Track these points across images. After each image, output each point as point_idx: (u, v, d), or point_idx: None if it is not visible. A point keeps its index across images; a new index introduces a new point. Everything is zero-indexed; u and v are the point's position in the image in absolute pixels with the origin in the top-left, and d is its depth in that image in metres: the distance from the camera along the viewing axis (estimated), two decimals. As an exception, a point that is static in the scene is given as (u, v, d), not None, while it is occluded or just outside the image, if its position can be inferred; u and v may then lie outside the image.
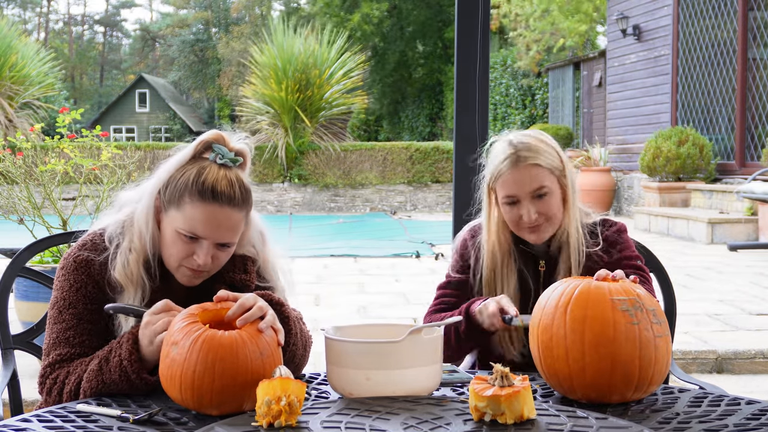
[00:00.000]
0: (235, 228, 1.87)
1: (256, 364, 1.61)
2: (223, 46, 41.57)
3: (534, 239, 2.25)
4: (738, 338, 5.32)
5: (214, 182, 1.83)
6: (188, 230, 1.84)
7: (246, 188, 1.88)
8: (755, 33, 12.44)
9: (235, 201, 1.84)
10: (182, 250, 1.86)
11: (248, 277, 1.98)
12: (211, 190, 1.82)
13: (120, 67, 57.90)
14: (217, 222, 1.83)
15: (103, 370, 1.77)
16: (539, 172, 2.20)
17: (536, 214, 2.20)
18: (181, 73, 47.54)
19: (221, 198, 1.83)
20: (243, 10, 45.68)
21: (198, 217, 1.83)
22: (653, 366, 1.66)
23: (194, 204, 1.83)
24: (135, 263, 1.87)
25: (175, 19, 52.24)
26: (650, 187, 13.08)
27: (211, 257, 1.86)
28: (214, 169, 1.85)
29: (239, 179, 1.87)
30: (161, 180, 1.88)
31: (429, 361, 1.71)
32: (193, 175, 1.84)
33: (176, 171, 1.87)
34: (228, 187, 1.84)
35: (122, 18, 68.98)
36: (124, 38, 61.29)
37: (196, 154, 1.89)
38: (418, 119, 32.34)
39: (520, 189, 2.20)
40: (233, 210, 1.84)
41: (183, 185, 1.84)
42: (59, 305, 1.89)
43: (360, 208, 17.83)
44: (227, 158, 1.87)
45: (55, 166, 5.23)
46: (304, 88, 17.75)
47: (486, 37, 3.46)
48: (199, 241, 1.85)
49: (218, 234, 1.84)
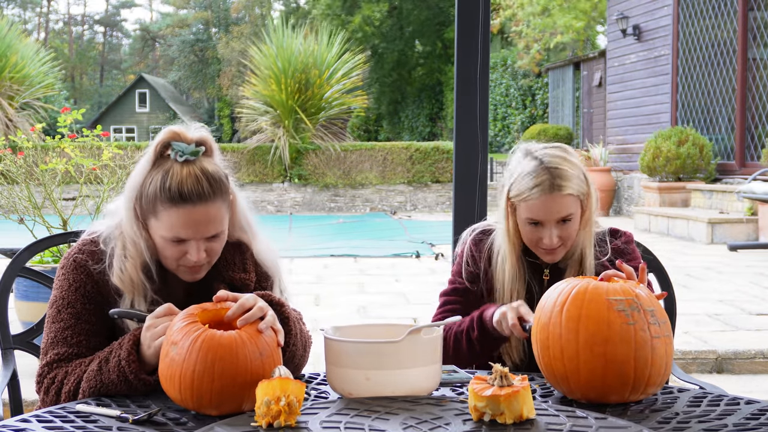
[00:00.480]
0: (217, 219, 1.85)
1: (255, 364, 1.61)
2: (223, 46, 41.57)
3: (549, 260, 2.24)
4: (738, 338, 5.32)
5: (179, 184, 1.81)
6: (172, 236, 1.84)
7: (214, 177, 1.85)
8: (755, 33, 12.44)
9: (206, 195, 1.82)
10: (174, 252, 1.86)
11: (248, 276, 1.98)
12: (179, 193, 1.80)
13: (120, 67, 57.90)
14: (195, 221, 1.82)
15: (102, 370, 1.77)
16: (570, 201, 2.17)
17: (557, 238, 2.18)
18: (181, 73, 47.53)
19: (191, 197, 1.81)
20: (243, 10, 45.68)
21: (176, 223, 1.82)
22: (649, 367, 1.66)
23: (168, 211, 1.82)
24: (133, 269, 1.87)
25: (175, 19, 52.24)
26: (650, 187, 13.08)
27: (204, 251, 1.86)
28: (176, 169, 1.83)
29: (205, 171, 1.84)
30: (133, 191, 1.87)
31: (428, 361, 1.71)
32: (159, 183, 1.82)
33: (144, 180, 1.85)
34: (195, 184, 1.81)
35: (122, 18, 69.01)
36: (124, 38, 61.30)
37: (155, 157, 1.86)
38: (418, 119, 32.34)
39: (547, 216, 2.16)
40: (207, 204, 1.83)
41: (153, 195, 1.83)
42: (58, 304, 1.89)
43: (360, 208, 17.83)
44: (187, 153, 1.84)
45: (56, 166, 5.23)
46: (304, 89, 17.76)
47: (486, 37, 3.46)
48: (187, 242, 1.85)
49: (202, 231, 1.84)
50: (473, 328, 2.20)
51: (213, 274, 1.96)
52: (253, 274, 2.00)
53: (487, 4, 3.44)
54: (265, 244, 2.04)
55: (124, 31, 61.76)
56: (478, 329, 2.19)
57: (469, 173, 3.44)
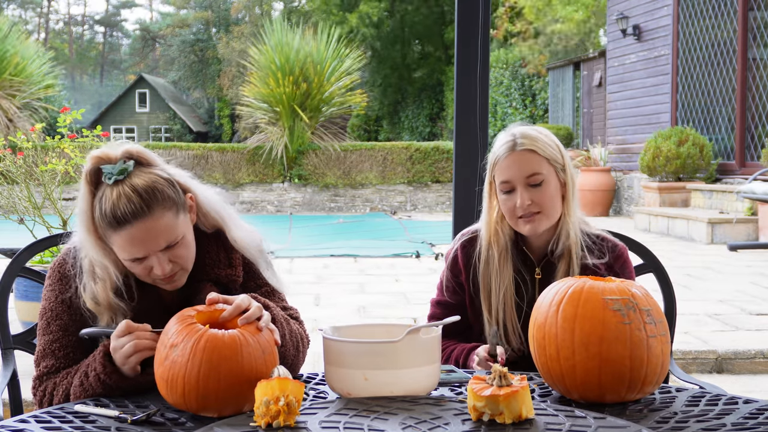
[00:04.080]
0: (165, 230, 1.81)
1: (259, 362, 1.61)
2: (223, 46, 41.54)
3: (528, 230, 2.23)
4: (738, 338, 5.32)
5: (113, 208, 1.78)
6: (128, 257, 1.82)
7: (147, 190, 1.79)
8: (755, 33, 12.44)
9: (141, 211, 1.78)
10: (141, 270, 1.85)
11: (234, 271, 1.97)
12: (114, 216, 1.78)
13: (120, 67, 57.90)
14: (142, 238, 1.79)
15: (84, 385, 1.80)
16: (534, 158, 2.21)
17: (530, 201, 2.19)
18: (181, 73, 47.50)
19: (128, 218, 1.78)
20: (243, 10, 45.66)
21: (125, 244, 1.80)
22: (645, 366, 1.66)
23: (114, 235, 1.80)
24: (103, 291, 1.86)
25: (175, 19, 52.22)
26: (650, 187, 13.08)
27: (169, 261, 1.84)
28: (107, 193, 1.79)
29: (135, 187, 1.79)
30: (84, 223, 1.84)
31: (427, 360, 1.71)
32: (98, 210, 1.80)
33: (88, 209, 1.83)
34: (127, 204, 1.77)
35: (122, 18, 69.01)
36: (124, 38, 61.31)
37: (91, 186, 1.83)
38: (418, 119, 32.32)
39: (514, 173, 2.20)
40: (147, 220, 1.79)
41: (98, 223, 1.81)
42: (47, 316, 1.92)
43: (360, 208, 17.83)
44: (115, 174, 1.80)
45: (56, 166, 5.23)
46: (303, 88, 17.76)
47: (486, 37, 3.46)
48: (146, 258, 1.83)
49: (154, 245, 1.81)
50: (459, 366, 2.24)
51: (199, 273, 1.95)
52: (240, 269, 1.99)
53: (487, 4, 3.45)
54: (243, 230, 2.01)
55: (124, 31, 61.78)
56: (464, 367, 2.22)
57: (469, 173, 3.44)
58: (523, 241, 2.30)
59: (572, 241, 2.25)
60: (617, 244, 2.32)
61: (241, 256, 2.00)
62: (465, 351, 2.25)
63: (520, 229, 2.25)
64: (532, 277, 2.29)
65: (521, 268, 2.29)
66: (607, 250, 2.29)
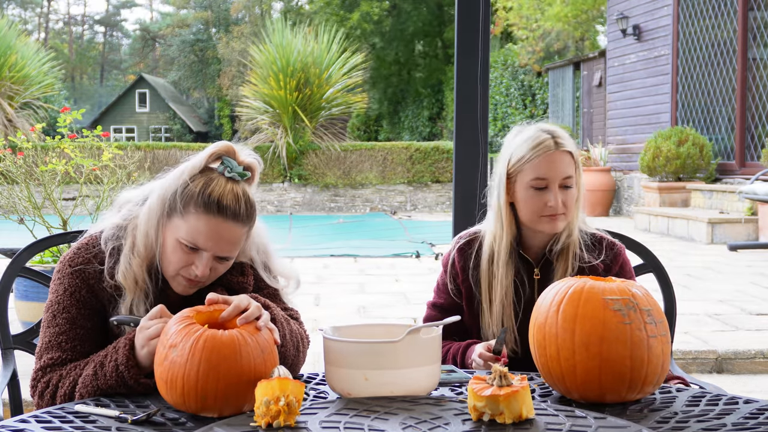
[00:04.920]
0: (237, 242, 1.87)
1: (258, 362, 1.61)
2: (223, 46, 41.55)
3: (550, 228, 2.22)
4: (738, 338, 5.32)
5: (220, 196, 1.82)
6: (190, 241, 1.83)
7: (251, 203, 1.87)
8: (755, 33, 12.44)
9: (240, 216, 1.84)
10: (182, 259, 1.86)
11: (245, 279, 1.98)
12: (216, 203, 1.82)
13: (120, 67, 57.89)
14: (219, 235, 1.83)
15: (98, 375, 1.77)
16: (571, 160, 2.23)
17: (562, 203, 2.20)
18: (181, 73, 47.51)
19: (226, 212, 1.82)
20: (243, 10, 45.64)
21: (201, 229, 1.82)
22: (646, 366, 1.66)
23: (199, 215, 1.82)
24: (139, 267, 1.87)
25: (175, 19, 52.22)
26: (650, 187, 13.08)
27: (209, 269, 1.86)
28: (221, 182, 1.84)
29: (245, 194, 1.86)
30: (169, 187, 1.87)
31: (427, 360, 1.71)
32: (200, 187, 1.83)
33: (185, 181, 1.86)
34: (234, 202, 1.83)
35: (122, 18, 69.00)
36: (124, 38, 61.29)
37: (206, 165, 1.88)
38: (418, 119, 32.32)
39: (552, 172, 2.19)
40: (236, 225, 1.84)
41: (189, 196, 1.83)
42: (53, 309, 1.90)
43: (360, 208, 17.83)
44: (236, 172, 1.86)
45: (56, 166, 5.23)
46: (303, 88, 17.76)
47: (486, 37, 3.46)
48: (199, 253, 1.85)
49: (219, 247, 1.84)
50: (456, 365, 2.24)
51: None
52: (251, 277, 2.00)
53: (487, 4, 3.45)
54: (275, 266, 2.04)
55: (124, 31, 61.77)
56: (461, 366, 2.22)
57: (469, 173, 3.44)
58: (521, 241, 2.30)
59: (572, 240, 2.26)
60: (615, 243, 2.32)
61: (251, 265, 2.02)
62: (461, 348, 2.25)
63: (540, 227, 2.23)
64: (531, 278, 2.29)
65: (520, 269, 2.29)
66: (605, 250, 2.29)
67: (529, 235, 2.28)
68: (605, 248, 2.29)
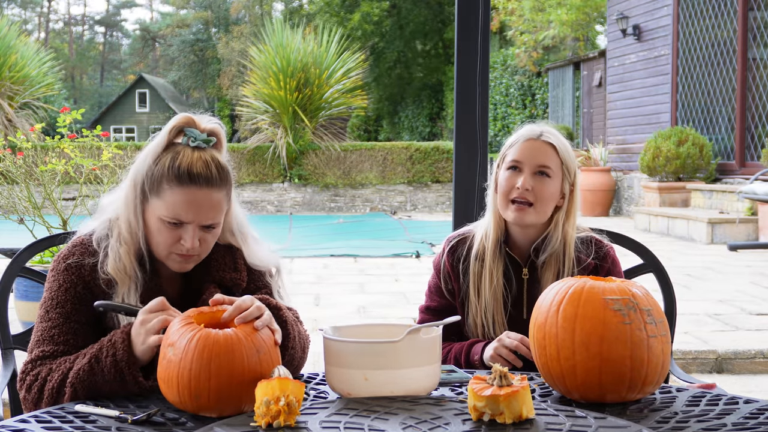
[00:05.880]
0: (217, 207, 1.88)
1: (252, 361, 1.61)
2: (223, 46, 41.54)
3: (514, 217, 2.22)
4: (738, 338, 5.32)
5: (189, 165, 1.84)
6: (171, 216, 1.85)
7: (223, 167, 1.89)
8: (755, 33, 12.44)
9: (213, 180, 1.86)
10: (169, 237, 1.87)
11: (239, 275, 1.98)
12: (187, 173, 1.84)
13: (120, 67, 57.90)
14: (198, 204, 1.85)
15: (95, 369, 1.75)
16: (551, 152, 2.24)
17: (530, 187, 2.20)
18: (181, 73, 47.50)
19: (198, 179, 1.84)
20: (243, 10, 45.64)
21: (179, 202, 1.84)
22: (646, 366, 1.66)
23: (173, 190, 1.84)
24: (126, 255, 1.88)
25: (175, 19, 52.21)
26: (650, 187, 13.08)
27: (198, 240, 1.87)
28: (187, 153, 1.87)
29: (215, 159, 1.88)
30: (139, 171, 1.90)
31: (427, 360, 1.71)
32: (168, 162, 1.86)
33: (152, 160, 1.88)
34: (204, 168, 1.85)
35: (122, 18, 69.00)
36: (124, 38, 61.30)
37: (169, 141, 1.90)
38: (418, 119, 32.32)
39: (528, 157, 2.23)
40: (212, 190, 1.86)
41: (160, 173, 1.86)
42: (47, 305, 1.90)
43: (360, 208, 17.83)
44: (200, 140, 1.89)
45: (56, 166, 5.23)
46: (303, 88, 17.75)
47: (486, 37, 3.46)
48: (183, 226, 1.86)
49: (201, 216, 1.86)
50: (460, 365, 2.22)
51: (204, 274, 1.96)
52: (245, 273, 2.00)
53: (487, 4, 3.45)
54: (258, 249, 2.04)
55: (124, 31, 61.78)
56: (465, 365, 2.21)
57: (469, 173, 3.44)
58: (509, 239, 2.30)
59: (563, 248, 2.25)
60: (604, 244, 2.32)
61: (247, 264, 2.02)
62: (464, 348, 2.25)
63: (507, 216, 2.24)
64: (519, 277, 2.29)
65: (509, 267, 2.29)
66: (594, 251, 2.29)
67: (515, 232, 2.29)
68: (594, 250, 2.29)
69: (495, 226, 2.28)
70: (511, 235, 2.30)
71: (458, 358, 2.24)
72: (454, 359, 2.25)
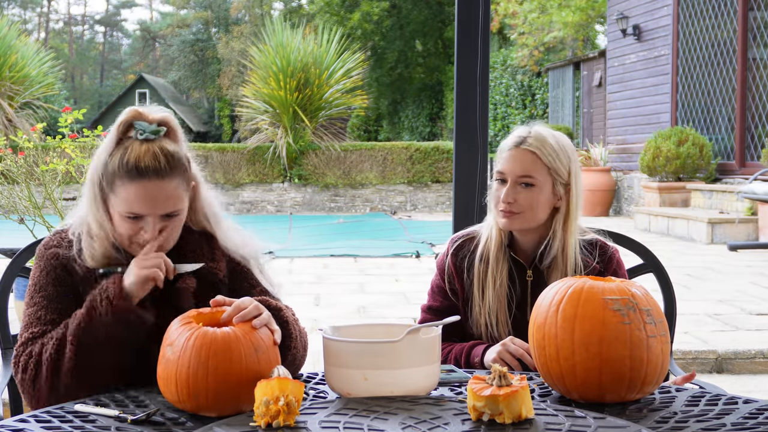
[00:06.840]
0: (173, 197, 1.89)
1: (250, 360, 1.61)
2: (223, 46, 41.52)
3: (502, 225, 2.24)
4: (738, 338, 5.32)
5: (136, 159, 1.86)
6: (128, 211, 1.88)
7: (171, 154, 1.90)
8: (755, 33, 12.44)
9: (162, 171, 1.87)
10: (129, 229, 1.90)
11: (216, 265, 2.00)
12: (135, 168, 1.86)
13: (120, 67, 57.87)
14: (151, 197, 1.86)
15: (92, 316, 1.81)
16: (533, 161, 2.21)
17: (513, 199, 2.20)
18: (181, 73, 47.48)
19: (147, 172, 1.86)
20: (243, 10, 45.62)
21: (132, 197, 1.86)
22: (645, 366, 1.66)
23: (125, 186, 1.87)
24: (101, 247, 1.92)
25: (175, 19, 52.18)
26: (650, 187, 13.08)
27: (159, 230, 1.89)
28: (135, 147, 1.89)
29: (163, 148, 1.89)
30: (96, 169, 1.92)
31: (427, 360, 1.71)
32: (118, 158, 1.88)
33: (105, 158, 1.91)
34: (152, 160, 1.87)
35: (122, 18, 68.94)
36: (124, 38, 61.28)
37: (119, 136, 1.92)
38: (418, 119, 32.31)
39: (510, 168, 2.23)
40: (164, 181, 1.87)
41: (112, 170, 1.88)
42: (31, 291, 1.95)
43: (360, 208, 17.83)
44: (148, 132, 1.90)
45: (57, 166, 5.23)
46: (303, 88, 17.74)
47: (486, 37, 3.46)
48: (143, 218, 1.89)
49: (157, 207, 1.88)
50: (460, 366, 2.22)
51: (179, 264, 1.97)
52: (223, 263, 2.01)
53: (487, 4, 3.44)
54: (234, 234, 2.06)
55: (124, 31, 61.75)
56: (465, 366, 2.21)
57: (469, 173, 3.43)
58: (513, 242, 2.30)
59: (565, 252, 2.24)
60: (608, 247, 2.31)
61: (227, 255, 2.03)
62: (465, 349, 2.24)
63: (498, 223, 2.26)
64: (523, 280, 2.28)
65: (513, 270, 2.28)
66: (598, 253, 2.29)
67: (519, 236, 2.29)
68: (598, 252, 2.29)
69: (498, 229, 2.28)
70: (514, 237, 2.30)
71: (458, 359, 2.24)
72: (454, 360, 2.25)
